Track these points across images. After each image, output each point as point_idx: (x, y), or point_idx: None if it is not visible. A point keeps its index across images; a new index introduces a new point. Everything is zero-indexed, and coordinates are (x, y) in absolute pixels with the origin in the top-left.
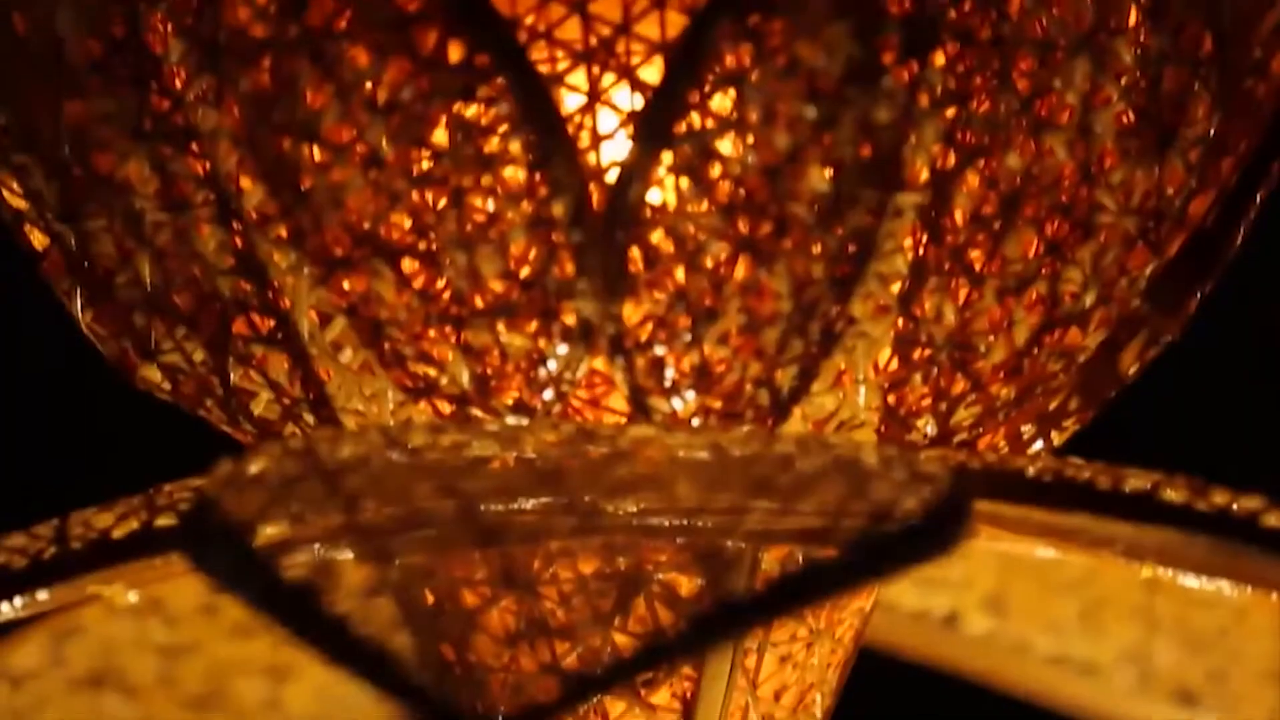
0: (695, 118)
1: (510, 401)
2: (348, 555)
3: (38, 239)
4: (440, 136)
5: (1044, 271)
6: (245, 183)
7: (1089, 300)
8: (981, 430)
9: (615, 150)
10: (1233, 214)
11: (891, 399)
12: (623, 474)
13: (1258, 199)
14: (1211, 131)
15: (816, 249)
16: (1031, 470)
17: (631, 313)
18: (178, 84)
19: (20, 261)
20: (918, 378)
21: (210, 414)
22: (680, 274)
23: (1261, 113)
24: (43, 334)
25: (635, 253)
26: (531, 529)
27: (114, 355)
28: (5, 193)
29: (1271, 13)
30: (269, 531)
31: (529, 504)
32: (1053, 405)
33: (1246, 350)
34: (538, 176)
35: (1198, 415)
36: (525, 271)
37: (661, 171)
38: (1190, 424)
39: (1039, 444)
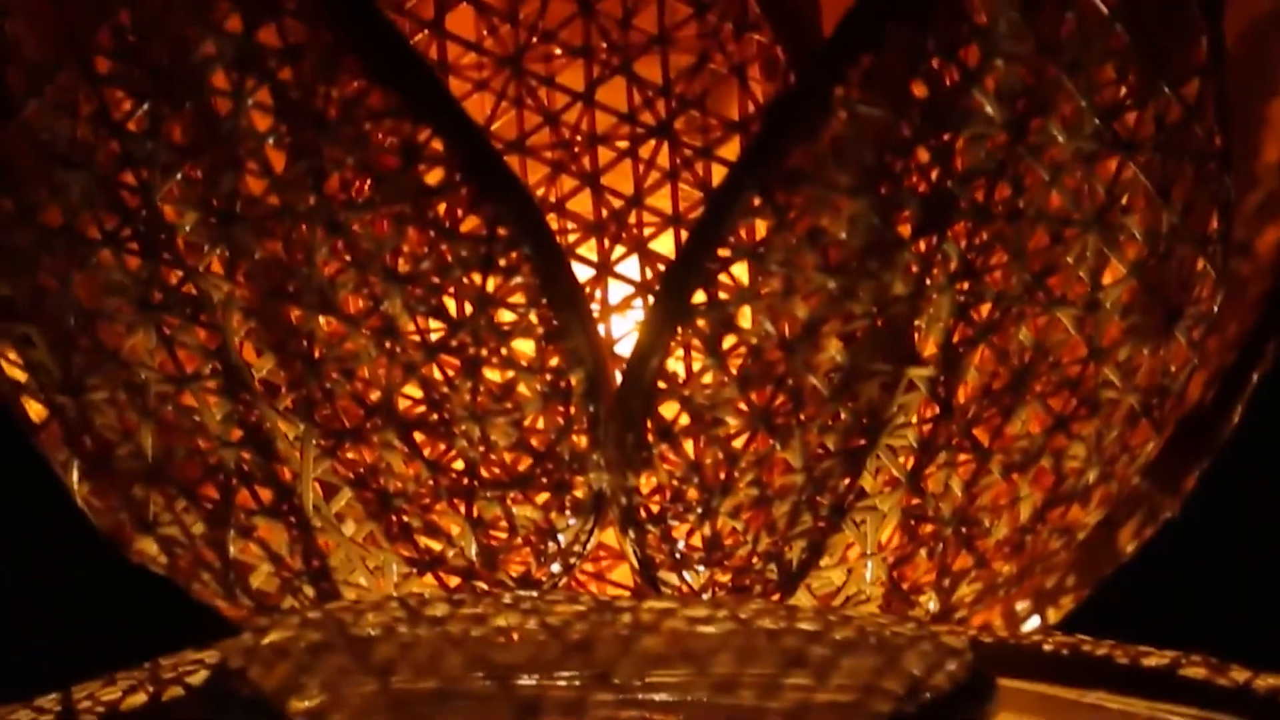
0: (713, 290)
1: (515, 574)
2: None
3: (35, 410)
4: (455, 307)
5: (1049, 447)
6: (254, 353)
7: (1091, 477)
8: (981, 607)
9: (630, 322)
10: (1230, 393)
11: (896, 574)
12: (651, 645)
13: (1254, 378)
14: (1215, 309)
15: (831, 421)
16: (1048, 646)
17: (643, 485)
18: (188, 254)
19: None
20: (923, 553)
21: (205, 587)
22: (695, 447)
23: (1248, 293)
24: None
25: (650, 425)
26: (569, 703)
27: (109, 528)
28: (4, 364)
29: (1254, 193)
30: (303, 701)
31: (564, 677)
32: (1050, 582)
33: (1241, 528)
34: (553, 348)
35: (1191, 594)
36: (535, 442)
37: (678, 344)
38: (1183, 603)
39: (1034, 621)
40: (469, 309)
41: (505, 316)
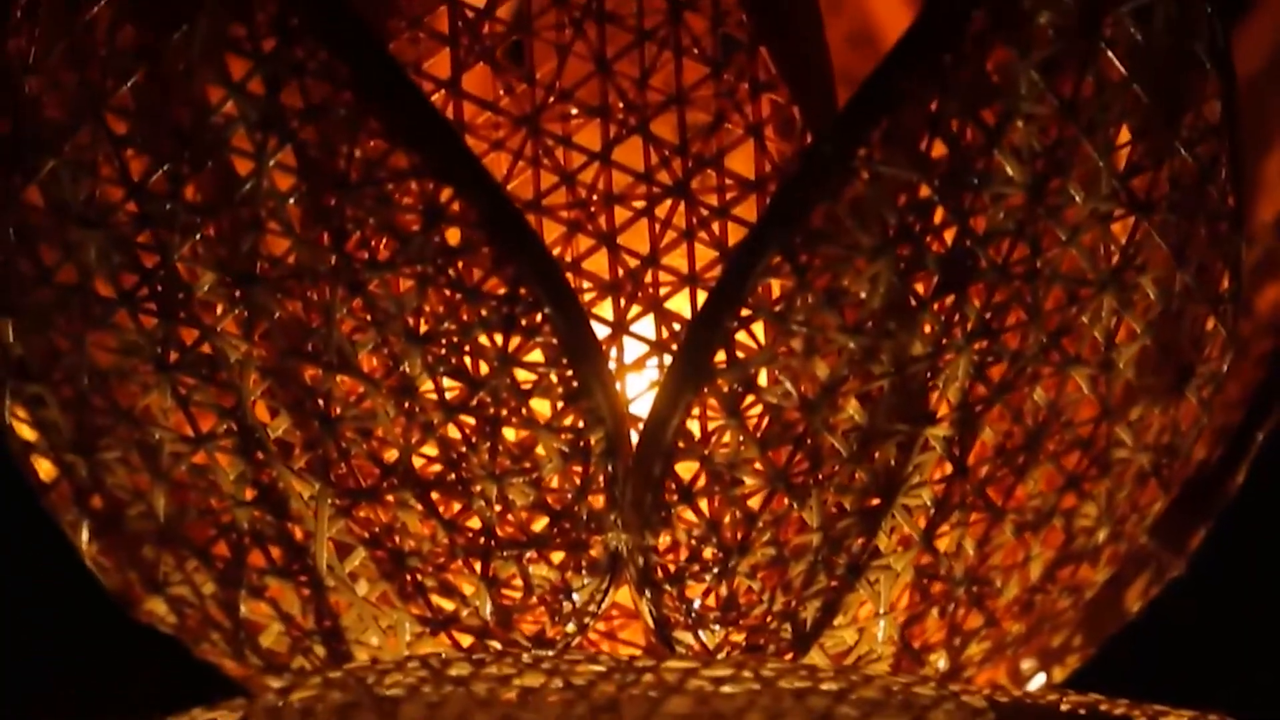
0: (733, 350)
1: (529, 633)
2: None
3: (45, 470)
4: (472, 366)
5: (1061, 507)
6: (270, 413)
7: (1102, 536)
8: (988, 665)
9: (644, 381)
10: (1235, 452)
11: (907, 633)
12: (678, 706)
13: (1259, 438)
14: (1225, 369)
15: (848, 481)
16: (1065, 706)
17: (660, 544)
18: (204, 313)
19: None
20: (934, 612)
21: (213, 647)
22: (713, 507)
23: (1250, 351)
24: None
25: (669, 485)
26: None
27: (118, 588)
28: (14, 423)
29: (1252, 251)
30: None
31: None
32: (1057, 641)
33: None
34: (573, 408)
35: (1197, 653)
36: (553, 501)
37: (696, 404)
38: (1190, 661)
39: (1040, 679)
40: (485, 369)
41: (524, 376)
